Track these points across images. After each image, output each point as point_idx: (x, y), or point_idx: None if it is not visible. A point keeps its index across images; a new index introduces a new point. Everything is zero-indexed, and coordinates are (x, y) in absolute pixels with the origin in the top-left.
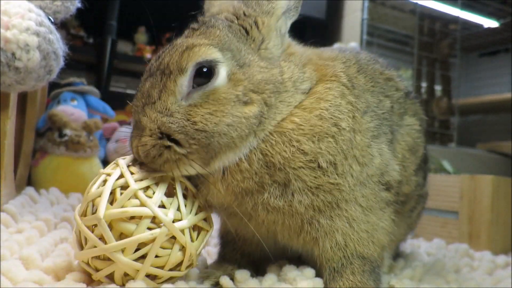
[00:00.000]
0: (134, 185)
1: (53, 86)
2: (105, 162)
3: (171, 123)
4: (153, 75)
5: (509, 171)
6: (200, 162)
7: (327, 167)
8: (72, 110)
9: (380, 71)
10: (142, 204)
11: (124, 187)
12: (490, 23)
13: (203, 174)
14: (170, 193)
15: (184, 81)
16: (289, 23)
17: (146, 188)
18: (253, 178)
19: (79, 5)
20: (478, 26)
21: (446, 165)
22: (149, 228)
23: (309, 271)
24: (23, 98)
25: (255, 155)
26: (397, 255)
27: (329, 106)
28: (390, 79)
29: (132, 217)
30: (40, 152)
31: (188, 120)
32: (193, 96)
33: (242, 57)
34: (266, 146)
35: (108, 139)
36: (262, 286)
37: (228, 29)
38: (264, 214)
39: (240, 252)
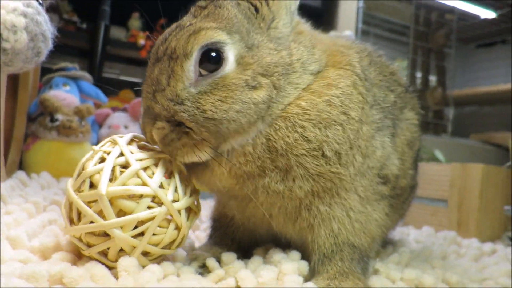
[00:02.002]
0: (136, 164)
1: (45, 71)
2: None
3: (183, 112)
4: (161, 60)
5: (502, 162)
6: (210, 151)
7: (331, 156)
8: (64, 95)
9: (386, 65)
10: (144, 183)
11: (124, 165)
12: (487, 13)
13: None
14: (165, 175)
15: (190, 66)
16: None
17: (145, 168)
18: (256, 162)
19: None
20: (475, 17)
21: (438, 154)
22: (148, 207)
23: (295, 254)
24: (14, 82)
25: (259, 139)
26: (386, 242)
27: (340, 93)
28: (394, 73)
29: (131, 195)
30: (31, 137)
31: (198, 108)
32: (202, 83)
33: (251, 38)
34: (270, 130)
35: (100, 125)
36: (248, 268)
37: (237, 9)
38: (264, 196)
39: (231, 238)
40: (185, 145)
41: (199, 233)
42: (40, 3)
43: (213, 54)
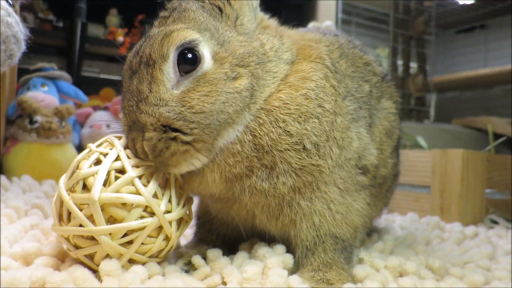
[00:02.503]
0: (132, 172)
1: (22, 72)
2: (80, 148)
3: (168, 112)
4: (137, 71)
5: (483, 146)
6: (205, 151)
7: (311, 148)
8: (42, 96)
9: (359, 56)
10: (137, 192)
11: (120, 170)
12: None
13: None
14: (160, 183)
15: (169, 68)
16: None
17: (140, 176)
18: (244, 162)
19: None
20: (453, 3)
21: (421, 141)
22: (140, 216)
23: (280, 248)
24: None
25: (246, 135)
26: (371, 230)
27: (315, 86)
28: (368, 63)
29: (124, 203)
30: (11, 140)
31: (184, 106)
32: (183, 83)
33: (221, 35)
34: (255, 125)
35: (82, 125)
36: (233, 264)
37: (201, 10)
38: (248, 197)
39: (216, 234)
40: (174, 153)
41: (185, 230)
42: (10, 4)
43: (190, 55)
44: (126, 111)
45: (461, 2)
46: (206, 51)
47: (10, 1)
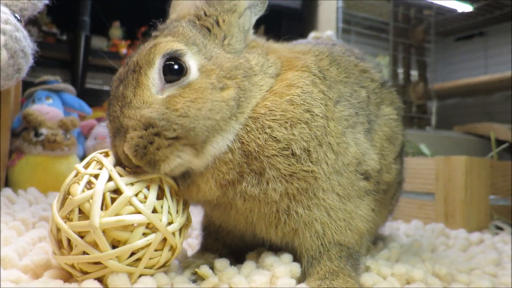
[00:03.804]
0: (128, 192)
1: (27, 85)
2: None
3: (151, 112)
4: (124, 79)
5: (485, 152)
6: (190, 151)
7: (300, 154)
8: (47, 109)
9: (355, 63)
10: (137, 211)
11: (114, 190)
12: (464, 7)
13: (195, 170)
14: (157, 195)
15: (154, 74)
16: (254, 19)
17: (137, 193)
18: (235, 169)
19: (46, 1)
20: (452, 11)
21: (424, 148)
22: (143, 233)
23: (287, 257)
24: None
25: (235, 143)
26: (376, 238)
27: (301, 92)
28: (365, 70)
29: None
30: (16, 153)
31: (168, 108)
32: (169, 90)
33: (208, 51)
34: (243, 133)
35: (86, 137)
36: (241, 274)
37: (191, 26)
38: (241, 202)
39: (222, 243)
40: (160, 147)
41: (191, 240)
42: (18, 19)
43: (176, 66)
44: (110, 118)
45: (460, 10)
46: (192, 63)
47: (18, 16)
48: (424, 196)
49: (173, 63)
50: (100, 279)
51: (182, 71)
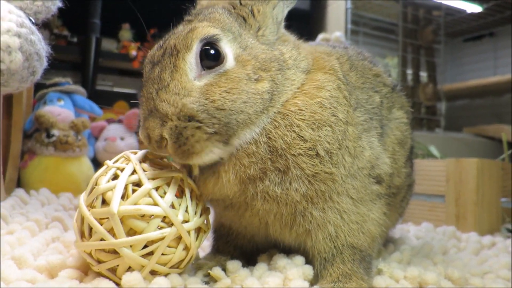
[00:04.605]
0: (148, 184)
1: (38, 87)
2: (94, 161)
3: (192, 103)
4: (160, 61)
5: (495, 154)
6: (222, 145)
7: (324, 155)
8: (59, 110)
9: (369, 68)
10: (155, 203)
11: (137, 183)
12: (473, 8)
13: (218, 161)
14: (176, 194)
15: (192, 58)
16: (286, 11)
17: (157, 187)
18: (258, 164)
19: (60, 4)
20: (461, 12)
21: (434, 150)
22: (158, 227)
23: (299, 259)
24: (8, 100)
25: (261, 137)
26: (386, 240)
27: (329, 96)
28: (378, 75)
29: (142, 215)
30: (28, 154)
31: (207, 99)
32: (206, 77)
33: (244, 40)
34: (270, 128)
35: (96, 138)
36: (253, 276)
37: (227, 14)
38: (261, 203)
39: (233, 245)
40: (198, 141)
41: (203, 243)
42: (33, 22)
43: (212, 51)
44: (144, 98)
45: (469, 11)
46: (228, 50)
47: (32, 19)
48: (435, 198)
49: (210, 48)
50: (114, 282)
51: (219, 57)
